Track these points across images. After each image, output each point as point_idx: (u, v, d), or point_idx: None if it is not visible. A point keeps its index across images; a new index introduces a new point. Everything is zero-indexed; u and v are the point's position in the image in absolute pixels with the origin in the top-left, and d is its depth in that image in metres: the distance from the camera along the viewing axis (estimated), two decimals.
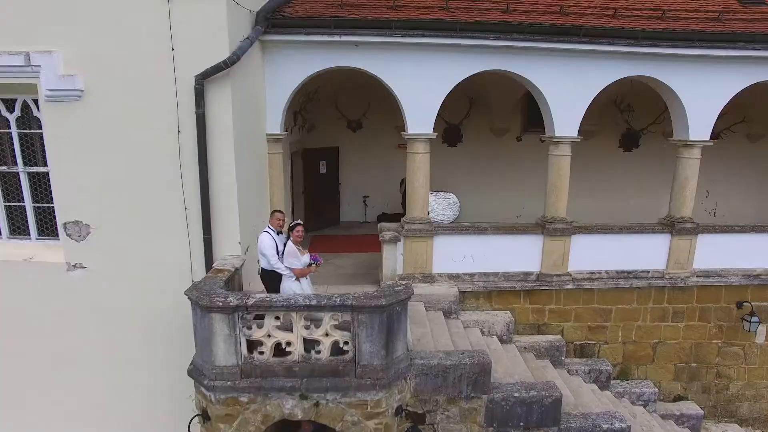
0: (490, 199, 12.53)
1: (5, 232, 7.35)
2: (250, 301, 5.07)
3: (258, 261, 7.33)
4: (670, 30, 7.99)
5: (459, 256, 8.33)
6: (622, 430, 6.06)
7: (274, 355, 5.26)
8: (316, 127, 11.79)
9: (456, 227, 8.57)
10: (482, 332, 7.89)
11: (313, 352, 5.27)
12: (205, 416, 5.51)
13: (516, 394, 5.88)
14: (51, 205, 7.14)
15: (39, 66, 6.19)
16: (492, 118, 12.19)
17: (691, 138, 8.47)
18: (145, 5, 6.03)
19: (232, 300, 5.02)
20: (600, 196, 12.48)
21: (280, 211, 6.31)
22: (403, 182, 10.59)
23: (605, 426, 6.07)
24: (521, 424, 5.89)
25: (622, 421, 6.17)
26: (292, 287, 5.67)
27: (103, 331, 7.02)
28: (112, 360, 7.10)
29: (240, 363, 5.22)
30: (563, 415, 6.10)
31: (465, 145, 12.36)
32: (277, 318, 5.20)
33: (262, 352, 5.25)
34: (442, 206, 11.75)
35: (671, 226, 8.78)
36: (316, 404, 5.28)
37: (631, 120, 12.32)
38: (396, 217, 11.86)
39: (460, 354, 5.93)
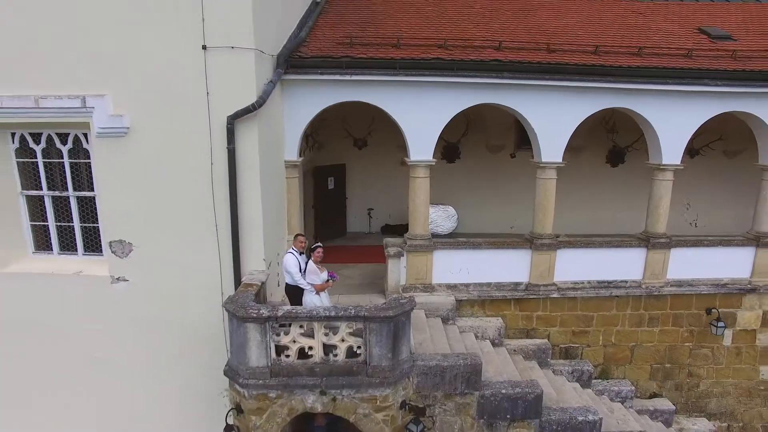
0: (486, 211, 13.52)
1: (56, 248, 8.34)
2: (280, 313, 6.05)
3: (277, 274, 8.36)
4: (644, 67, 8.94)
5: (456, 268, 9.31)
6: (594, 422, 7.05)
7: (298, 358, 6.24)
8: (325, 146, 12.77)
9: (453, 243, 9.53)
10: (476, 336, 8.87)
11: (331, 355, 6.25)
12: (238, 410, 6.49)
13: (503, 391, 6.86)
14: (95, 224, 8.15)
15: (93, 107, 7.17)
16: (488, 137, 13.17)
17: (664, 162, 9.43)
18: (185, 56, 6.99)
19: (264, 312, 6.00)
20: (588, 208, 13.45)
21: (302, 235, 7.31)
22: None
23: (580, 418, 7.05)
24: (508, 416, 6.87)
25: (595, 414, 7.15)
26: (313, 300, 6.67)
27: (141, 337, 7.98)
28: (149, 362, 8.07)
29: (270, 364, 6.20)
30: (544, 409, 7.08)
31: (463, 161, 13.33)
32: (301, 327, 6.18)
33: (288, 356, 6.23)
34: (441, 218, 12.81)
35: (647, 240, 9.75)
36: (334, 399, 6.26)
37: (617, 138, 13.29)
38: (398, 228, 12.91)
39: (455, 356, 6.91)
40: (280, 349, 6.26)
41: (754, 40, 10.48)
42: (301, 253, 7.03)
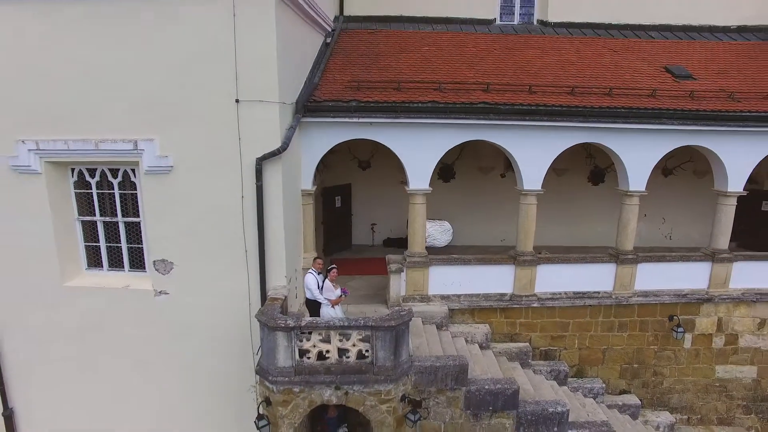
0: (478, 225, 14.92)
1: (106, 265, 9.75)
2: (303, 323, 7.45)
3: (295, 287, 9.76)
4: (613, 107, 10.29)
5: (449, 281, 10.71)
6: (562, 412, 8.46)
7: (318, 360, 7.63)
8: (332, 168, 14.15)
9: (447, 259, 10.92)
10: (466, 341, 10.26)
11: (344, 357, 7.64)
12: (267, 402, 7.88)
13: (486, 387, 8.27)
14: (140, 245, 9.55)
15: (143, 150, 8.57)
16: (479, 160, 14.55)
17: (630, 189, 10.84)
18: (221, 107, 8.37)
19: (291, 323, 7.40)
20: (572, 222, 14.86)
21: (320, 258, 8.74)
22: None
23: (551, 409, 8.46)
24: (490, 408, 8.28)
25: (563, 406, 8.56)
26: (329, 312, 8.08)
27: (179, 342, 9.39)
28: (186, 363, 9.47)
29: (294, 365, 7.59)
30: (521, 402, 8.49)
31: (457, 180, 14.68)
32: (320, 334, 7.58)
33: (309, 357, 7.62)
34: (438, 232, 14.21)
35: (617, 256, 11.14)
36: (346, 393, 7.65)
37: (597, 160, 14.68)
38: (398, 241, 14.30)
39: (446, 358, 8.32)
40: (303, 352, 7.64)
41: (712, 79, 11.87)
42: (319, 273, 8.43)
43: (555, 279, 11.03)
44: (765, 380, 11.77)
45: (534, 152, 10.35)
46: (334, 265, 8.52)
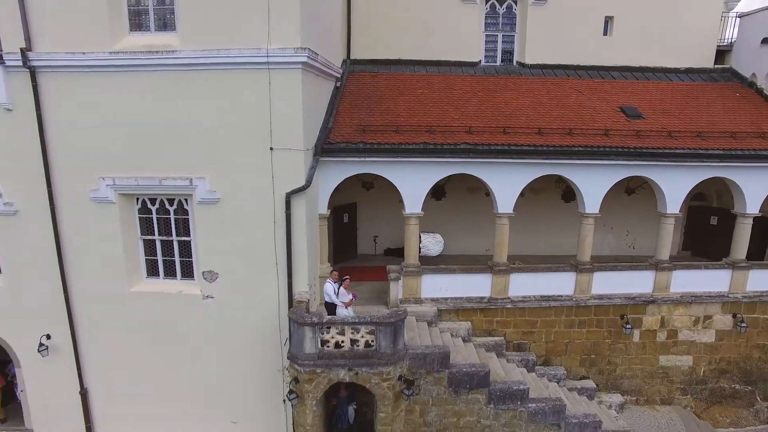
0: (466, 238, 17.32)
1: (162, 274, 12.19)
2: (324, 320, 9.89)
3: (314, 291, 12.20)
4: (572, 146, 12.70)
5: (438, 287, 13.14)
6: (523, 390, 10.93)
7: (335, 348, 10.06)
8: (341, 189, 16.44)
9: (436, 269, 13.34)
10: (451, 335, 12.69)
11: (355, 345, 10.07)
12: (296, 380, 10.32)
13: (464, 369, 10.70)
14: (190, 259, 11.98)
15: (196, 185, 11.01)
16: (467, 180, 16.69)
17: (586, 212, 13.27)
18: (258, 153, 10.76)
19: (315, 320, 9.84)
20: (546, 233, 17.25)
21: (336, 271, 11.16)
22: None
23: (515, 387, 10.92)
24: (467, 386, 10.73)
25: (525, 385, 11.02)
26: (343, 312, 10.55)
27: (222, 335, 11.81)
28: (227, 351, 11.89)
29: (317, 352, 10.01)
30: (492, 382, 10.94)
31: (448, 199, 17.09)
32: (337, 329, 10.01)
33: (328, 346, 10.05)
34: (431, 243, 16.68)
35: (576, 266, 13.56)
36: (356, 373, 10.08)
37: (566, 184, 17.06)
38: (397, 251, 16.72)
39: (434, 347, 10.76)
40: (323, 342, 10.07)
41: (657, 118, 14.29)
42: (335, 282, 10.89)
43: (526, 285, 13.47)
44: (699, 367, 14.21)
45: (506, 183, 12.78)
46: (347, 276, 10.98)
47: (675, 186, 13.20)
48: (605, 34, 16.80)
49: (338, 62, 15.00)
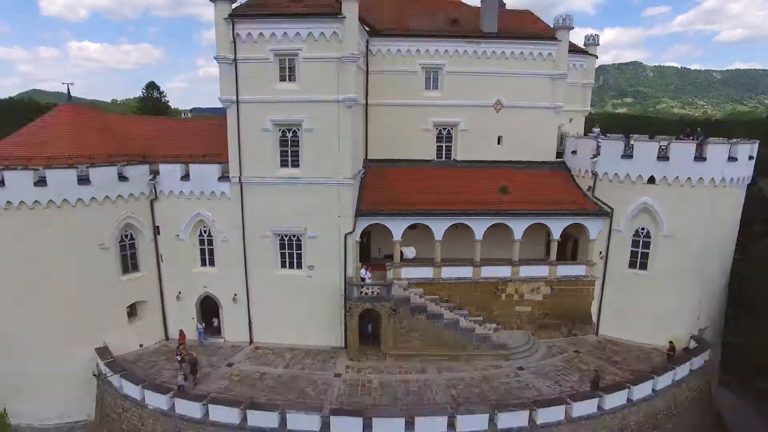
0: (425, 250, 32.65)
1: (287, 266, 28.04)
2: (362, 284, 25.78)
3: (353, 274, 28.13)
4: (467, 210, 28.36)
5: (410, 273, 28.82)
6: (440, 314, 26.67)
7: (366, 295, 25.87)
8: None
9: (408, 264, 28.98)
10: (413, 294, 28.33)
11: (372, 293, 25.87)
12: (348, 309, 26.12)
13: (416, 304, 26.49)
14: (300, 260, 27.79)
15: (306, 228, 26.93)
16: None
17: (476, 239, 28.95)
18: (332, 216, 26.67)
19: (357, 283, 25.71)
20: (460, 248, 32.80)
21: (363, 264, 27.02)
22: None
23: (437, 312, 26.65)
24: (418, 311, 26.47)
25: (442, 311, 26.76)
26: (367, 281, 26.37)
27: (314, 293, 27.79)
28: (317, 301, 27.81)
29: (357, 296, 25.84)
30: (429, 311, 26.67)
31: (416, 231, 32.38)
32: (366, 287, 25.88)
33: (362, 294, 25.87)
34: (408, 251, 32.46)
35: (473, 263, 29.21)
36: (373, 305, 25.90)
37: None
38: (391, 256, 32.54)
39: (405, 297, 26.55)
40: (360, 292, 25.87)
41: (518, 192, 29.81)
42: (363, 269, 26.71)
43: (449, 271, 29.08)
44: (534, 312, 29.72)
45: (439, 226, 28.45)
46: (368, 265, 26.79)
47: (519, 228, 28.83)
48: (498, 144, 32.49)
49: (362, 163, 30.75)
